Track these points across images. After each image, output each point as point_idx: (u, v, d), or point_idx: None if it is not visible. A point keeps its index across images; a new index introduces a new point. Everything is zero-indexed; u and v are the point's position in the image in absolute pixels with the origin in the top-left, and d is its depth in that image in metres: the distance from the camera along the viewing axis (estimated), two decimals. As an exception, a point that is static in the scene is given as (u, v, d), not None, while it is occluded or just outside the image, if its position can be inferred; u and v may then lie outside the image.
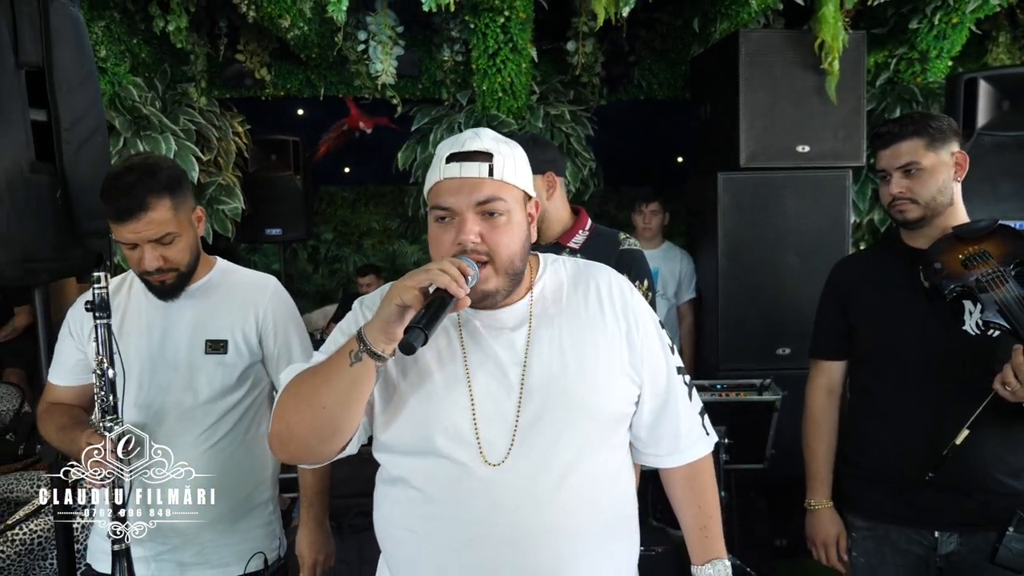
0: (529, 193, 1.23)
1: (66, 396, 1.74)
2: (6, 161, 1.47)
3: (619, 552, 1.23)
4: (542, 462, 1.14)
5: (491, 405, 1.16)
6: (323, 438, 1.14)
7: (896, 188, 1.74)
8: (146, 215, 1.54)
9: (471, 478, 1.13)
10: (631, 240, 2.11)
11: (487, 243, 1.14)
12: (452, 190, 1.15)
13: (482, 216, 1.14)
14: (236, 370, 1.69)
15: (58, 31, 1.59)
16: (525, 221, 1.20)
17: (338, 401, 1.10)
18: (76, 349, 1.71)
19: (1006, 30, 3.80)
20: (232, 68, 3.83)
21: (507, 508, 1.12)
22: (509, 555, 1.12)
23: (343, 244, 5.42)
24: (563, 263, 1.31)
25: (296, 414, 1.13)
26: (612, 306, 1.24)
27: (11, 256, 1.49)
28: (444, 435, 1.15)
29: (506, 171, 1.16)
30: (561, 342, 1.19)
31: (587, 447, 1.17)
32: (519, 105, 3.73)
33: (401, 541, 1.20)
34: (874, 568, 1.79)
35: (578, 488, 1.15)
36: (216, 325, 1.69)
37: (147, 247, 1.57)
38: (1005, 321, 1.58)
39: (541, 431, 1.15)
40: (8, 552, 2.12)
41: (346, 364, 1.08)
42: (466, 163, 1.15)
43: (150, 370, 1.66)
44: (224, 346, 1.68)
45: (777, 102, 3.15)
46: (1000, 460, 1.66)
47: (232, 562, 1.69)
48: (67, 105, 1.61)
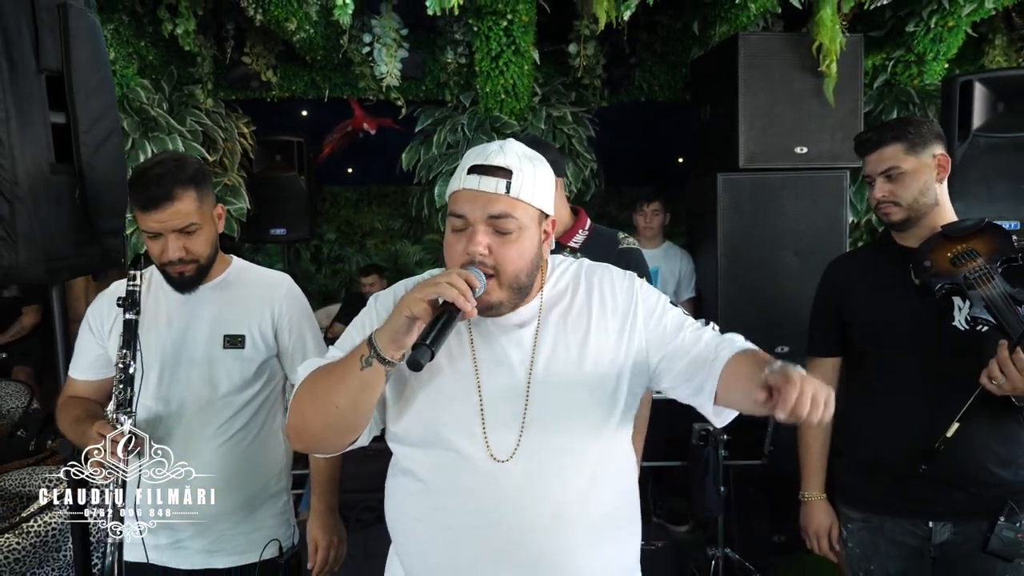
0: (547, 212, 1.24)
1: (84, 390, 1.79)
2: (28, 162, 1.51)
3: (620, 544, 1.27)
4: (546, 457, 1.18)
5: (498, 401, 1.20)
6: (336, 432, 1.21)
7: (879, 192, 1.81)
8: (172, 205, 1.61)
9: (477, 471, 1.18)
10: (630, 239, 2.15)
11: (494, 256, 1.17)
12: (468, 200, 1.18)
13: (493, 230, 1.17)
14: (253, 364, 1.74)
15: (76, 37, 1.63)
16: (538, 239, 1.22)
17: (350, 400, 1.16)
18: (96, 344, 1.76)
19: (1002, 33, 3.85)
20: (238, 70, 3.88)
21: (512, 501, 1.17)
22: (514, 546, 1.16)
23: (346, 244, 5.46)
24: (567, 265, 1.35)
25: (311, 409, 1.19)
26: (615, 302, 1.28)
27: (34, 256, 1.52)
28: (452, 429, 1.20)
29: (523, 190, 1.18)
30: (567, 341, 1.24)
31: (590, 443, 1.21)
32: (521, 107, 3.77)
33: (410, 531, 1.25)
34: (869, 559, 1.84)
35: (581, 482, 1.19)
36: (234, 320, 1.74)
37: (171, 236, 1.63)
38: (992, 317, 1.62)
39: (546, 427, 1.19)
40: (24, 544, 2.17)
41: (357, 367, 1.13)
42: (485, 177, 1.17)
43: (171, 364, 1.71)
44: (242, 341, 1.73)
45: (776, 104, 3.19)
46: (990, 451, 1.70)
47: (248, 549, 1.74)
48: (85, 108, 1.65)
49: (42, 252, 1.54)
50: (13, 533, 2.17)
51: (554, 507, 1.17)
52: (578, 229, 2.14)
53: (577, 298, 1.28)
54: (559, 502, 1.17)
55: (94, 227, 1.68)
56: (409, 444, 1.25)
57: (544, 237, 1.25)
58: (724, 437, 2.76)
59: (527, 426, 1.19)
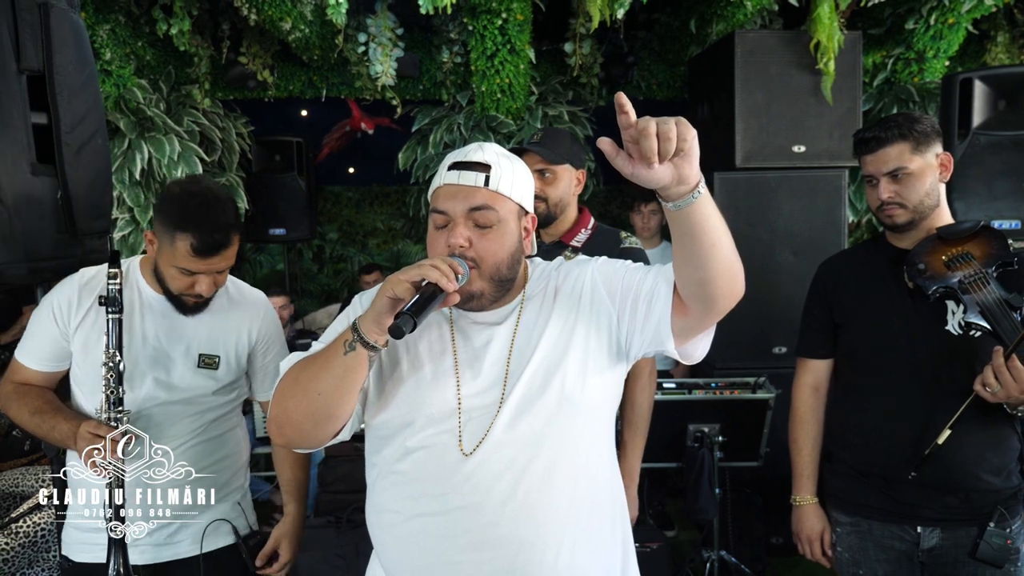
0: (526, 208, 1.27)
1: (36, 379, 1.70)
2: (7, 163, 1.51)
3: (601, 544, 1.26)
4: (520, 451, 1.18)
5: (475, 396, 1.21)
6: (317, 422, 1.20)
7: (885, 193, 1.73)
8: (227, 251, 1.59)
9: (449, 463, 1.18)
10: (632, 239, 2.13)
11: (475, 249, 1.20)
12: (449, 195, 1.21)
13: (474, 223, 1.20)
14: (221, 383, 1.73)
15: (59, 37, 1.63)
16: (517, 233, 1.25)
17: (332, 387, 1.16)
18: (59, 336, 1.66)
19: (1004, 30, 3.81)
20: (235, 70, 3.88)
21: (482, 493, 1.17)
22: (485, 538, 1.16)
23: (348, 244, 5.46)
24: (541, 267, 1.36)
25: (293, 399, 1.19)
26: (581, 291, 1.27)
27: (14, 256, 1.53)
28: (429, 421, 1.21)
29: (502, 183, 1.22)
30: (542, 339, 1.24)
31: (566, 439, 1.21)
32: (518, 106, 3.76)
33: (386, 524, 1.25)
34: (858, 563, 1.81)
35: (555, 477, 1.19)
36: (211, 340, 1.72)
37: (208, 275, 1.61)
38: (986, 322, 1.59)
39: (520, 422, 1.19)
40: (12, 544, 2.17)
41: (341, 353, 1.14)
42: (465, 172, 1.21)
43: (142, 369, 1.68)
44: (216, 362, 1.71)
45: (773, 102, 3.17)
46: (982, 458, 1.67)
47: (209, 535, 1.72)
48: (67, 108, 1.65)
49: (22, 253, 1.55)
50: (2, 533, 2.17)
51: (524, 498, 1.17)
52: (580, 228, 2.13)
53: (552, 295, 1.29)
54: (529, 494, 1.17)
55: (76, 228, 1.68)
56: (385, 436, 1.25)
57: (525, 234, 1.28)
58: (720, 439, 2.74)
59: (499, 420, 1.19)
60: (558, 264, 1.36)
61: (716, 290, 1.12)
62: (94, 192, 1.73)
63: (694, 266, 1.10)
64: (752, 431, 2.78)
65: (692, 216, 1.06)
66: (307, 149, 4.52)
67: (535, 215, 1.32)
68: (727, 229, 1.10)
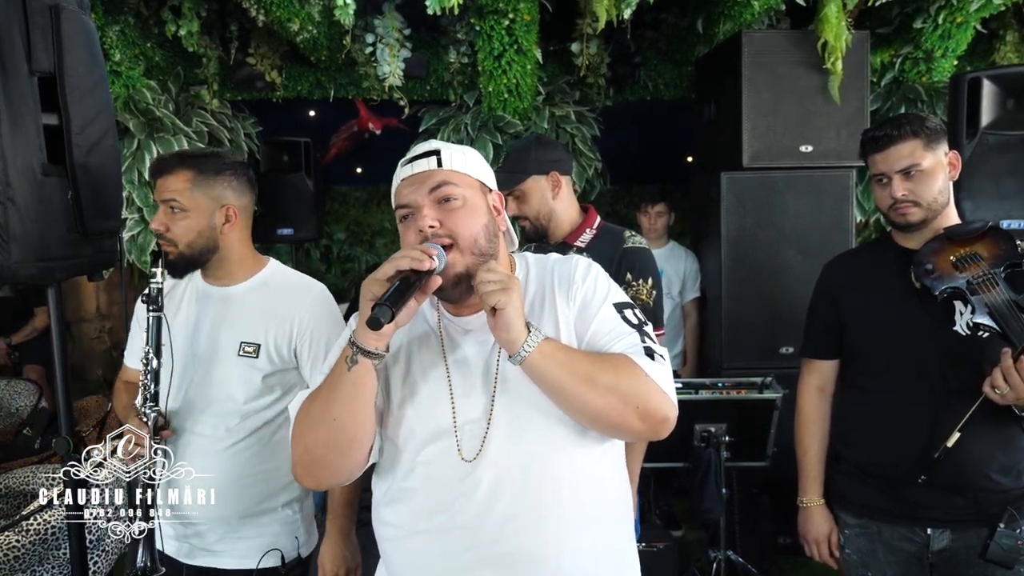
0: (488, 184, 1.28)
1: (133, 376, 1.84)
2: (19, 164, 1.51)
3: (602, 551, 1.24)
4: (515, 454, 1.18)
5: (468, 402, 1.21)
6: (341, 451, 1.19)
7: (899, 191, 1.71)
8: (163, 179, 1.72)
9: (449, 473, 1.18)
10: (636, 238, 2.12)
11: (446, 227, 1.19)
12: (407, 187, 1.23)
13: (438, 203, 1.20)
14: (263, 374, 1.72)
15: (69, 39, 1.63)
16: (485, 208, 1.25)
17: (345, 409, 1.15)
18: (139, 337, 1.78)
19: (1013, 29, 3.78)
20: (243, 71, 3.90)
21: (482, 500, 1.16)
22: (488, 546, 1.16)
23: (355, 244, 5.47)
24: (531, 261, 1.35)
25: (311, 434, 1.18)
26: (570, 292, 1.27)
27: (25, 256, 1.53)
28: (427, 432, 1.20)
29: (455, 161, 1.23)
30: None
31: (559, 442, 1.20)
32: (525, 106, 3.77)
33: (391, 537, 1.25)
34: (867, 565, 1.81)
35: (550, 482, 1.18)
36: (253, 328, 1.73)
37: (161, 208, 1.74)
38: (995, 323, 1.59)
39: (512, 426, 1.19)
40: (23, 542, 2.19)
41: (345, 371, 1.13)
42: (416, 161, 1.24)
43: (190, 363, 1.73)
44: (256, 350, 1.72)
45: (780, 102, 3.16)
46: (991, 457, 1.67)
47: (249, 554, 1.73)
48: (78, 109, 1.66)
49: (34, 252, 1.55)
50: (13, 531, 2.19)
51: (525, 504, 1.16)
52: (585, 228, 2.13)
53: (538, 294, 1.28)
54: (530, 502, 1.17)
55: (87, 228, 1.69)
56: (387, 455, 1.26)
57: (496, 212, 1.28)
58: (726, 438, 2.74)
59: (493, 424, 1.18)
60: (536, 261, 1.35)
61: (610, 430, 1.19)
62: (104, 192, 1.74)
63: (570, 412, 1.17)
64: (759, 431, 2.78)
65: (530, 372, 1.13)
66: (315, 149, 4.52)
67: (524, 235, 1.30)
68: (598, 375, 1.13)
